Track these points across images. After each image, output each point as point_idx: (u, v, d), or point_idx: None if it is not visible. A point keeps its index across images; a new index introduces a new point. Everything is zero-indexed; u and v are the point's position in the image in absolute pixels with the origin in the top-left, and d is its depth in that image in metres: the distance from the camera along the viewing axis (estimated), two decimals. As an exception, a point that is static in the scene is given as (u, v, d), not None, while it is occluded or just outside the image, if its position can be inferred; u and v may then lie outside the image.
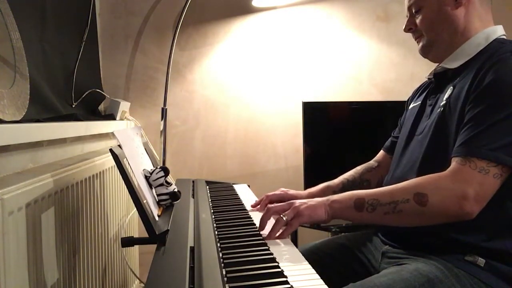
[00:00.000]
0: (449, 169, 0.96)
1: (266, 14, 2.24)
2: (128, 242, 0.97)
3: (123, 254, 1.82)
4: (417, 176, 1.03)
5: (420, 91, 1.27)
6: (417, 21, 1.15)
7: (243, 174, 2.26)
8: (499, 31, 1.10)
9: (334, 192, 1.33)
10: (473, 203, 0.92)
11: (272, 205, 1.08)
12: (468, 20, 1.10)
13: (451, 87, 1.07)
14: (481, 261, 0.96)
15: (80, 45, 1.83)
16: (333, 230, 1.79)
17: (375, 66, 2.28)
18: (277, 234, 0.99)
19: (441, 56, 1.14)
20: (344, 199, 1.03)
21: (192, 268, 0.77)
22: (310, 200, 1.06)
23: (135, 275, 2.00)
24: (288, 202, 1.06)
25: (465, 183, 0.92)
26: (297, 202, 1.05)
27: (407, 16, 1.20)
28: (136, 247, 2.08)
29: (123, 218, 1.82)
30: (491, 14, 1.14)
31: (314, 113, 2.03)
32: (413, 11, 1.16)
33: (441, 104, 1.07)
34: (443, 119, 1.05)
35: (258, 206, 1.28)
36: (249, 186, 1.61)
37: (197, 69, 2.24)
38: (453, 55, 1.11)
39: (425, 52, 1.18)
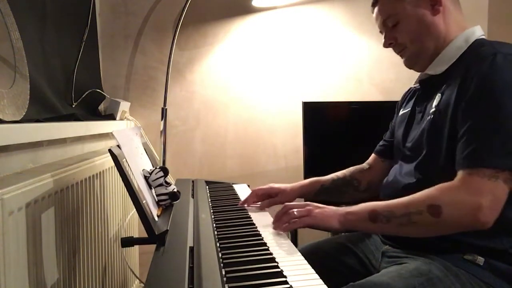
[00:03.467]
0: (458, 179, 0.95)
1: (266, 14, 2.24)
2: (128, 242, 0.97)
3: (123, 254, 1.82)
4: (416, 181, 1.05)
5: (409, 97, 1.27)
6: (397, 34, 1.14)
7: (243, 174, 2.26)
8: (477, 32, 1.10)
9: (323, 186, 1.36)
10: (488, 212, 0.91)
11: (290, 203, 1.10)
12: (447, 25, 1.10)
13: (439, 94, 1.07)
14: (480, 259, 0.96)
15: (80, 45, 1.83)
16: (333, 230, 1.79)
17: (375, 66, 2.28)
18: (284, 225, 1.03)
19: (427, 65, 1.14)
20: (359, 211, 1.03)
21: (191, 268, 0.77)
22: (326, 207, 1.07)
23: (135, 275, 2.00)
24: (306, 203, 1.09)
25: (478, 194, 0.91)
26: (314, 204, 1.07)
27: (381, 32, 1.19)
28: (136, 247, 2.08)
29: (123, 218, 1.82)
30: (463, 16, 1.14)
31: (314, 113, 2.03)
32: (390, 25, 1.15)
33: (431, 111, 1.07)
34: (435, 127, 1.05)
35: (251, 205, 1.31)
36: (249, 186, 1.61)
37: (197, 69, 2.24)
38: (436, 61, 1.11)
39: (412, 64, 1.17)
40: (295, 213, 1.04)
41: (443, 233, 0.98)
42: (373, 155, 1.40)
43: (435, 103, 1.07)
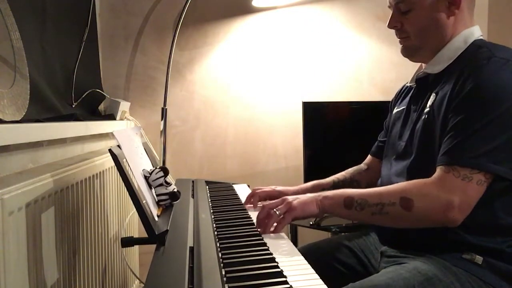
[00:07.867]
0: (434, 176, 0.97)
1: (266, 14, 2.24)
2: (128, 242, 0.98)
3: (123, 254, 1.82)
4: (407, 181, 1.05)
5: (403, 94, 1.27)
6: (405, 21, 1.12)
7: (243, 174, 2.26)
8: (476, 33, 1.10)
9: (324, 190, 1.35)
10: (457, 211, 0.94)
11: (266, 202, 1.10)
12: (455, 28, 1.09)
13: (434, 94, 1.07)
14: (478, 258, 0.97)
15: (80, 45, 1.83)
16: (333, 230, 1.79)
17: (375, 66, 2.27)
18: (272, 229, 1.03)
19: (424, 60, 1.14)
20: (335, 196, 1.05)
21: (191, 268, 0.77)
22: (301, 195, 1.08)
23: (135, 275, 2.00)
24: (281, 198, 1.09)
25: (449, 192, 0.94)
26: (290, 198, 1.07)
27: (389, 7, 1.15)
28: (136, 247, 2.08)
29: (123, 218, 1.82)
30: (473, 16, 1.14)
31: (314, 113, 2.03)
32: (402, 9, 1.11)
33: (426, 111, 1.07)
34: (429, 126, 1.05)
35: (249, 204, 1.30)
36: (249, 186, 1.61)
37: (197, 69, 2.24)
38: (435, 60, 1.11)
39: (410, 55, 1.16)
40: (277, 212, 1.04)
41: (413, 226, 1.00)
42: (369, 156, 1.40)
43: (429, 102, 1.07)
